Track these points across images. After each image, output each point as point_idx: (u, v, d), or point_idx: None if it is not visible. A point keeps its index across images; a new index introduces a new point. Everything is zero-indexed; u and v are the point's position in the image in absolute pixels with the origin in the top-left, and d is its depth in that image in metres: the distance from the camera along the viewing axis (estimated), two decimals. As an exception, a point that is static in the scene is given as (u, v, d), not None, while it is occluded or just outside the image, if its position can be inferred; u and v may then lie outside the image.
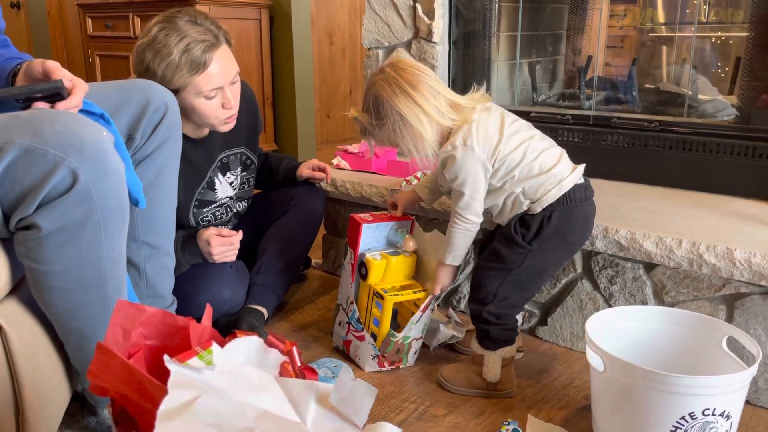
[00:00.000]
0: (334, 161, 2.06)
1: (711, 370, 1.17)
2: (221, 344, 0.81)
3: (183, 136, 1.53)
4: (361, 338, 1.48)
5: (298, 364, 0.92)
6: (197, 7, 2.83)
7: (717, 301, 1.38)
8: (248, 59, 3.21)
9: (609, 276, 1.51)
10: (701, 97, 1.88)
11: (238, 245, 1.60)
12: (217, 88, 1.46)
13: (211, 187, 1.66)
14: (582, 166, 1.33)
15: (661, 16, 2.12)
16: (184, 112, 1.50)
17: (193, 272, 1.58)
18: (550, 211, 1.28)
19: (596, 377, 1.15)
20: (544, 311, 1.64)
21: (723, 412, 1.04)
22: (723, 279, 1.35)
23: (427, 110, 1.26)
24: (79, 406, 1.24)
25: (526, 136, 1.31)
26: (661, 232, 1.40)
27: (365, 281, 1.48)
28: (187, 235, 1.58)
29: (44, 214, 0.93)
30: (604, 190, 1.74)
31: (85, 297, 1.02)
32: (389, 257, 1.48)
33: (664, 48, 2.10)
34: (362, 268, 1.49)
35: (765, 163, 1.59)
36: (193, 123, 1.55)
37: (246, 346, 0.81)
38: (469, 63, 2.04)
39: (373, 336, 1.46)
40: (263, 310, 1.65)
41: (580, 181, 1.32)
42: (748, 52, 1.65)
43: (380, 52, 2.12)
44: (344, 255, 1.55)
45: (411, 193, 1.54)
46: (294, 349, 0.93)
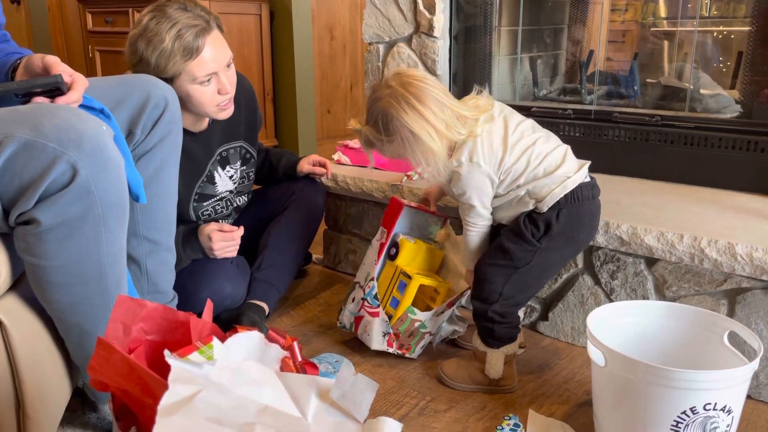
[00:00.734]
0: (335, 156, 2.06)
1: (712, 365, 1.16)
2: (222, 339, 0.81)
3: (182, 129, 1.53)
4: (375, 314, 1.46)
5: (299, 359, 0.92)
6: (197, 2, 2.82)
7: (718, 296, 1.37)
8: (248, 54, 3.21)
9: (610, 271, 1.51)
10: (703, 91, 1.87)
11: (239, 241, 1.60)
12: (211, 74, 1.46)
13: (211, 180, 1.66)
14: (587, 164, 1.33)
15: (662, 11, 2.12)
16: (181, 103, 1.50)
17: (194, 268, 1.58)
18: (557, 209, 1.28)
19: (597, 372, 1.15)
20: (546, 306, 1.64)
21: (724, 407, 1.04)
22: (724, 274, 1.35)
23: (436, 126, 1.24)
24: (80, 402, 1.24)
25: (530, 141, 1.30)
26: (662, 226, 1.40)
27: (393, 261, 1.50)
28: (188, 230, 1.58)
29: (44, 209, 0.93)
30: (606, 184, 1.73)
31: (85, 292, 1.02)
32: (422, 243, 1.51)
33: (666, 43, 2.09)
34: (393, 248, 1.51)
35: (767, 157, 1.59)
36: (191, 115, 1.55)
37: (247, 341, 0.81)
38: (470, 58, 2.03)
39: (389, 317, 1.46)
40: (264, 306, 1.65)
41: (586, 179, 1.32)
42: (750, 46, 1.64)
43: (381, 47, 2.11)
44: (375, 233, 1.56)
45: (436, 187, 1.55)
46: (295, 344, 0.93)
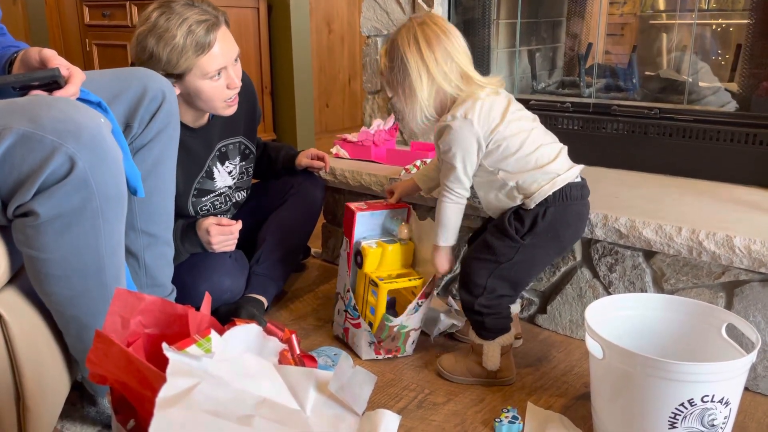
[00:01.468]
0: (333, 150, 2.06)
1: (710, 357, 1.17)
2: (220, 332, 0.81)
3: (182, 125, 1.53)
4: (357, 326, 1.48)
5: (298, 351, 0.92)
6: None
7: (716, 289, 1.38)
8: (246, 48, 3.19)
9: (608, 264, 1.51)
10: (702, 84, 1.87)
11: (237, 235, 1.60)
12: (221, 68, 1.47)
13: (210, 176, 1.66)
14: (580, 166, 1.33)
15: (661, 3, 2.11)
16: (187, 99, 1.50)
17: (192, 262, 1.58)
18: (545, 207, 1.28)
19: (595, 365, 1.16)
20: (544, 299, 1.64)
21: (722, 399, 1.04)
22: (722, 266, 1.35)
23: (431, 70, 1.23)
24: (79, 395, 1.24)
25: (528, 126, 1.30)
26: (660, 219, 1.40)
27: (361, 269, 1.48)
28: (186, 225, 1.58)
29: (42, 201, 0.93)
30: (604, 177, 1.73)
31: (83, 285, 1.02)
32: (385, 245, 1.48)
33: (665, 35, 2.09)
34: (358, 257, 1.49)
35: (765, 150, 1.59)
36: (193, 110, 1.55)
37: (245, 334, 0.81)
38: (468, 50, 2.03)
39: (370, 324, 1.46)
40: (263, 299, 1.65)
41: (577, 180, 1.31)
42: (749, 39, 1.64)
43: (379, 40, 2.11)
44: (341, 244, 1.55)
45: (409, 182, 1.53)
46: (293, 337, 0.93)
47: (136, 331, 0.83)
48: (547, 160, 1.28)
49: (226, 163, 1.69)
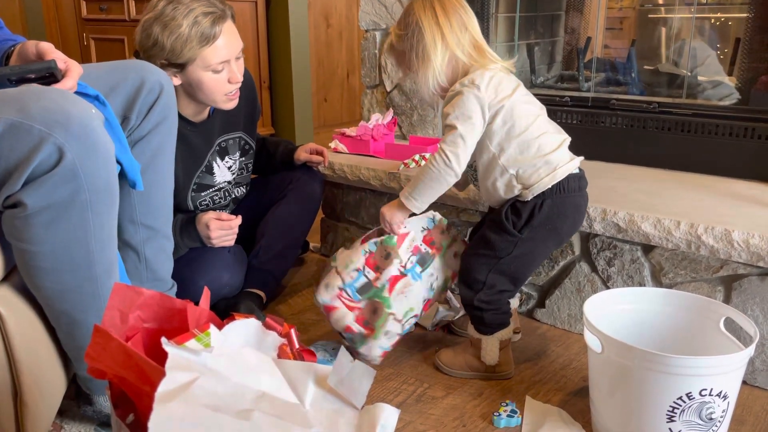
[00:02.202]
0: (332, 145, 2.06)
1: (708, 351, 1.17)
2: (219, 327, 0.80)
3: (183, 119, 1.53)
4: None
5: (297, 346, 0.92)
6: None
7: (715, 283, 1.38)
8: (244, 42, 3.15)
9: (607, 258, 1.51)
10: (701, 78, 1.87)
11: (237, 230, 1.60)
12: (224, 62, 1.47)
13: (210, 171, 1.65)
14: (580, 158, 1.32)
15: (660, -3, 2.11)
16: (188, 90, 1.50)
17: (191, 256, 1.58)
18: (542, 199, 1.27)
19: (594, 358, 1.16)
20: (542, 293, 1.64)
21: (720, 393, 1.04)
22: (721, 260, 1.35)
23: (446, 36, 1.23)
24: (75, 393, 1.23)
25: (535, 112, 1.30)
26: (659, 213, 1.40)
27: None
28: (186, 219, 1.58)
29: (30, 192, 0.92)
30: (603, 172, 1.73)
31: (73, 279, 1.01)
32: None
33: (664, 29, 2.08)
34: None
35: (764, 144, 1.59)
36: (194, 104, 1.55)
37: (244, 328, 0.81)
38: (467, 45, 2.02)
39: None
40: (262, 294, 1.65)
41: (575, 171, 1.31)
42: (748, 32, 1.64)
43: (377, 34, 2.10)
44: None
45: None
46: (292, 331, 0.93)
47: (135, 325, 0.83)
48: (549, 149, 1.27)
49: (226, 158, 1.69)
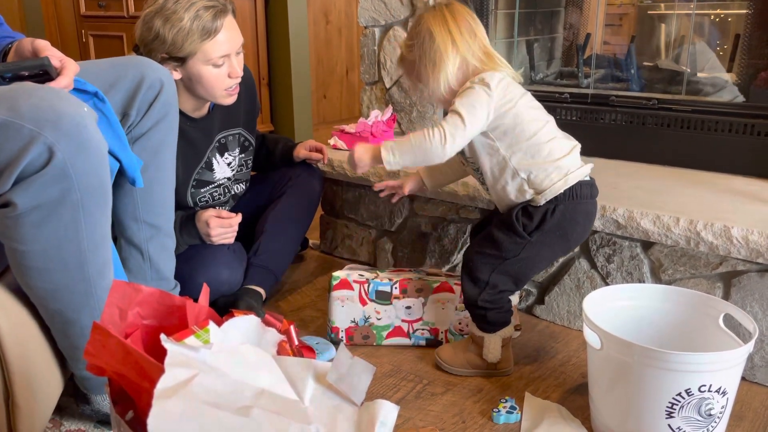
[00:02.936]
0: (331, 141, 2.05)
1: (707, 347, 1.17)
2: (218, 323, 0.80)
3: (182, 114, 1.53)
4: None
5: (296, 342, 0.92)
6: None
7: (714, 279, 1.38)
8: (243, 39, 3.17)
9: (606, 254, 1.51)
10: (700, 74, 1.86)
11: (236, 228, 1.60)
12: (225, 56, 1.47)
13: (209, 167, 1.65)
14: (590, 165, 1.32)
15: (660, -7, 2.10)
16: (188, 85, 1.50)
17: (191, 253, 1.58)
18: (554, 204, 1.27)
19: (593, 355, 1.16)
20: (542, 290, 1.64)
21: (719, 389, 1.04)
22: (720, 257, 1.35)
23: (456, 41, 1.26)
24: (73, 392, 1.22)
25: (544, 117, 1.30)
26: (658, 210, 1.40)
27: None
28: (186, 216, 1.58)
29: (20, 192, 0.91)
30: (602, 168, 1.73)
31: (65, 278, 1.01)
32: None
33: (663, 26, 2.08)
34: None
35: (763, 140, 1.59)
36: (194, 99, 1.55)
37: (243, 325, 0.81)
38: (466, 41, 2.02)
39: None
40: (261, 291, 1.65)
41: (587, 178, 1.30)
42: (748, 29, 1.64)
43: (377, 31, 2.10)
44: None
45: (415, 177, 1.55)
46: (291, 328, 0.93)
47: (134, 322, 0.83)
48: (560, 153, 1.27)
49: (226, 155, 1.69)
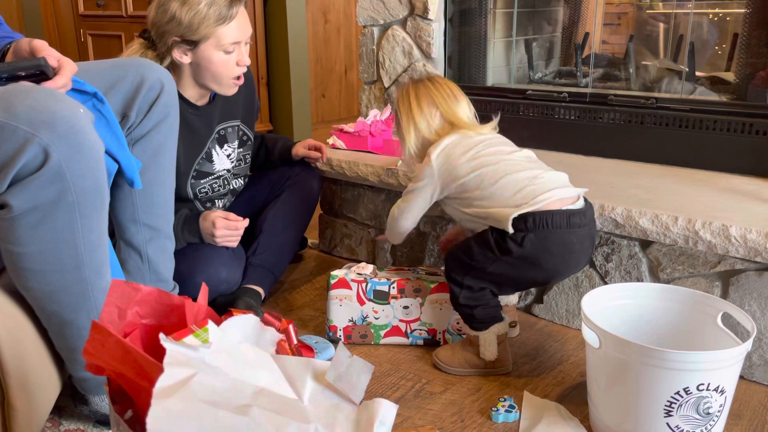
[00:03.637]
0: (330, 141, 2.05)
1: (706, 346, 1.17)
2: (217, 323, 0.80)
3: (186, 102, 1.57)
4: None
5: (295, 342, 0.92)
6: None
7: (712, 278, 1.38)
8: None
9: (605, 253, 1.52)
10: (699, 73, 1.87)
11: (242, 232, 1.61)
12: (236, 43, 1.52)
13: (209, 158, 1.67)
14: (571, 193, 1.29)
15: (658, -7, 2.10)
16: (195, 71, 1.54)
17: (190, 252, 1.58)
18: (523, 233, 1.25)
19: (592, 354, 1.16)
20: (541, 289, 1.64)
21: (717, 387, 1.05)
22: (718, 256, 1.36)
23: (416, 120, 1.41)
24: (70, 393, 1.22)
25: (494, 159, 1.31)
26: (657, 209, 1.40)
27: None
28: (190, 215, 1.59)
29: (15, 193, 0.91)
30: (601, 167, 1.73)
31: (62, 280, 1.00)
32: None
33: (662, 25, 2.08)
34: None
35: (761, 139, 1.59)
36: (198, 87, 1.59)
37: (242, 324, 0.81)
38: (465, 40, 2.02)
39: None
40: (260, 290, 1.65)
41: (572, 206, 1.27)
42: (746, 28, 1.64)
43: (375, 30, 2.10)
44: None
45: (456, 229, 1.56)
46: (290, 327, 0.93)
47: (133, 321, 0.83)
48: (512, 191, 1.27)
49: (225, 146, 1.70)
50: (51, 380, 1.11)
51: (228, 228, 1.57)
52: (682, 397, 1.04)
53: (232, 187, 1.76)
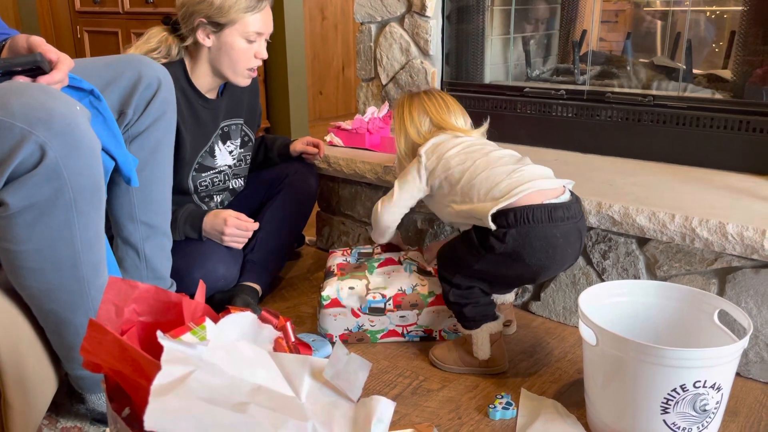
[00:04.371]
0: (327, 138, 2.05)
1: (702, 343, 1.18)
2: (215, 320, 0.80)
3: (196, 92, 1.61)
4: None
5: (292, 339, 0.92)
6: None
7: (709, 275, 1.38)
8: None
9: (602, 251, 1.52)
10: (696, 71, 1.87)
11: (250, 235, 1.62)
12: (259, 34, 1.57)
13: (212, 153, 1.68)
14: (552, 185, 1.29)
15: (656, -10, 2.10)
16: (214, 56, 1.58)
17: (187, 249, 1.58)
18: (505, 229, 1.25)
19: (589, 351, 1.16)
20: (538, 286, 1.65)
21: (714, 385, 1.05)
22: (715, 253, 1.36)
23: (407, 126, 1.49)
24: (67, 392, 1.22)
25: (471, 158, 1.34)
26: (654, 206, 1.40)
27: None
28: (198, 210, 1.60)
29: (12, 191, 0.91)
30: (598, 165, 1.73)
31: (59, 278, 1.00)
32: None
33: (659, 22, 2.08)
34: None
35: (758, 137, 1.59)
36: (212, 76, 1.61)
37: (240, 321, 0.81)
38: (462, 38, 2.02)
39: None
40: (257, 287, 1.65)
41: (555, 200, 1.26)
42: (743, 26, 1.64)
43: (373, 27, 2.09)
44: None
45: (439, 242, 1.58)
46: (288, 324, 0.93)
47: (130, 319, 0.83)
48: (490, 184, 1.28)
49: (228, 143, 1.72)
50: (48, 378, 1.10)
51: (239, 228, 1.58)
52: (678, 394, 1.05)
53: (231, 185, 1.76)
